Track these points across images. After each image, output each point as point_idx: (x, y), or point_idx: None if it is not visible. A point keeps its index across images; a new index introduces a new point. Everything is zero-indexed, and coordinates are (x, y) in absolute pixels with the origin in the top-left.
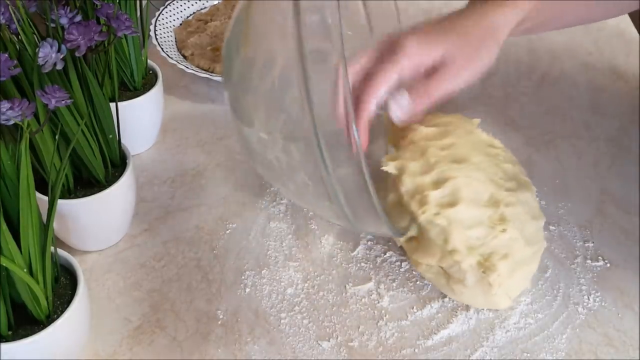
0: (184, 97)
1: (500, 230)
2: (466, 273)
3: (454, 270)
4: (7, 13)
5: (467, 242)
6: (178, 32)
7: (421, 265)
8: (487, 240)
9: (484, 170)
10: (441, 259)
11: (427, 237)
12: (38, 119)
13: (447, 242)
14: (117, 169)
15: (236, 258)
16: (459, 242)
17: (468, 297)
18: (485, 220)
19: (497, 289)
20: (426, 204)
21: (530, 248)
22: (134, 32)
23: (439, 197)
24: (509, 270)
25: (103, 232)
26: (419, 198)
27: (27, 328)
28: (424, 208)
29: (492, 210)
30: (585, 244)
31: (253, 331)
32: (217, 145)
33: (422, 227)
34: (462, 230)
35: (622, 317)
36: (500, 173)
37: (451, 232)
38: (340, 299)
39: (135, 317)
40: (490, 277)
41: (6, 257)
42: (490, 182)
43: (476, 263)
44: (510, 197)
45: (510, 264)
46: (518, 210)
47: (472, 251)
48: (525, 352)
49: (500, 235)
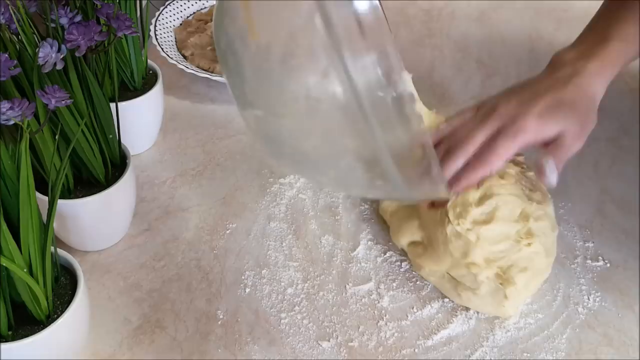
0: (184, 97)
1: (525, 245)
2: (481, 284)
3: (466, 279)
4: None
5: (488, 256)
6: (178, 32)
7: (424, 269)
8: (510, 254)
9: (519, 182)
10: (452, 267)
11: (441, 246)
12: (38, 119)
13: (467, 256)
14: (117, 169)
15: (236, 258)
16: (479, 256)
17: (476, 305)
18: (512, 234)
19: (512, 300)
20: (463, 217)
21: (548, 259)
22: (134, 32)
23: (478, 214)
24: (525, 282)
25: (103, 232)
26: (460, 211)
27: (27, 328)
28: (460, 221)
29: (521, 225)
30: (585, 244)
31: (253, 331)
32: (217, 145)
33: (443, 236)
34: (487, 246)
35: (622, 317)
36: (529, 183)
37: (475, 247)
38: (340, 299)
39: (135, 317)
40: (507, 290)
41: (6, 257)
42: (524, 195)
43: (494, 275)
44: (538, 211)
45: (527, 276)
46: (545, 224)
47: (490, 264)
48: (525, 352)
49: (524, 249)
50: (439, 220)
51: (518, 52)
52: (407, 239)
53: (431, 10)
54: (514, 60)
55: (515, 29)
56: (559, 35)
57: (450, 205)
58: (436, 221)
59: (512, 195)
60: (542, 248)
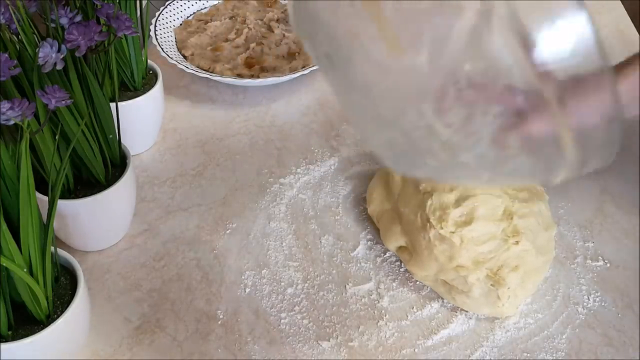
0: (184, 97)
1: (513, 243)
2: (472, 286)
3: (457, 282)
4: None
5: (476, 257)
6: (178, 32)
7: (415, 275)
8: (499, 254)
9: None
10: (440, 272)
11: (424, 251)
12: (38, 119)
13: (454, 259)
14: (117, 169)
15: (236, 258)
16: (466, 258)
17: (471, 307)
18: (498, 233)
19: (505, 300)
20: (445, 220)
21: (541, 258)
22: (134, 32)
23: (457, 216)
24: (518, 281)
25: (103, 232)
26: (439, 214)
27: (27, 328)
28: (442, 224)
29: (506, 223)
30: (585, 244)
31: (253, 331)
32: (217, 145)
33: (426, 241)
34: (473, 247)
35: (622, 317)
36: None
37: (460, 250)
38: (340, 299)
39: (135, 317)
40: (500, 291)
41: (6, 257)
42: (505, 194)
43: (484, 276)
44: (523, 209)
45: (520, 275)
46: (531, 221)
47: (479, 265)
48: (525, 352)
49: (513, 248)
50: (420, 225)
51: None
52: (393, 244)
53: None
54: None
55: None
56: None
57: (430, 209)
58: (417, 227)
59: (490, 195)
60: (531, 246)
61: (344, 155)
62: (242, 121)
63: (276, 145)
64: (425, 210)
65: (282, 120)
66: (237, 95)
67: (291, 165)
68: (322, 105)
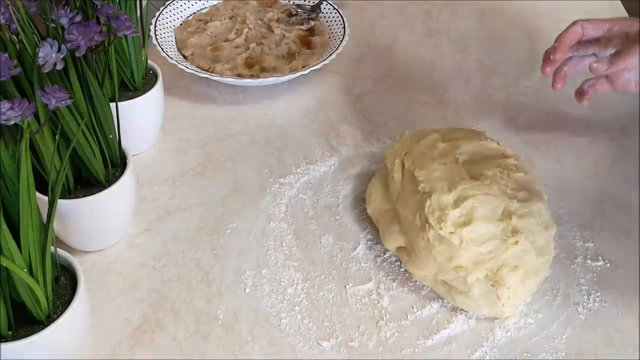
0: (184, 97)
1: (512, 243)
2: (472, 286)
3: (456, 283)
4: (7, 13)
5: (475, 258)
6: (178, 32)
7: (414, 275)
8: (498, 254)
9: (497, 183)
10: (440, 272)
11: (422, 252)
12: (38, 119)
13: (453, 259)
14: (117, 169)
15: (236, 258)
16: (465, 259)
17: (471, 307)
18: (498, 233)
19: (505, 300)
20: (444, 221)
21: (541, 258)
22: (134, 32)
23: (457, 217)
24: (518, 281)
25: (103, 232)
26: (438, 215)
27: (27, 328)
28: (442, 225)
29: (505, 223)
30: (585, 244)
31: (253, 331)
32: (217, 145)
33: (424, 242)
34: (473, 247)
35: (622, 317)
36: (512, 183)
37: (459, 250)
38: (340, 299)
39: (135, 317)
40: (499, 291)
41: (6, 257)
42: (503, 195)
43: (484, 277)
44: (522, 209)
45: (520, 275)
46: (530, 221)
47: (479, 265)
48: (525, 352)
49: (512, 248)
50: (419, 226)
51: (518, 52)
52: (392, 244)
53: (431, 10)
54: (514, 60)
55: (515, 29)
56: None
57: (428, 210)
58: (416, 227)
59: (488, 195)
60: (531, 245)
61: (344, 155)
62: (242, 121)
63: (276, 145)
64: (424, 210)
65: (282, 120)
66: (237, 95)
67: (291, 165)
68: (322, 105)
